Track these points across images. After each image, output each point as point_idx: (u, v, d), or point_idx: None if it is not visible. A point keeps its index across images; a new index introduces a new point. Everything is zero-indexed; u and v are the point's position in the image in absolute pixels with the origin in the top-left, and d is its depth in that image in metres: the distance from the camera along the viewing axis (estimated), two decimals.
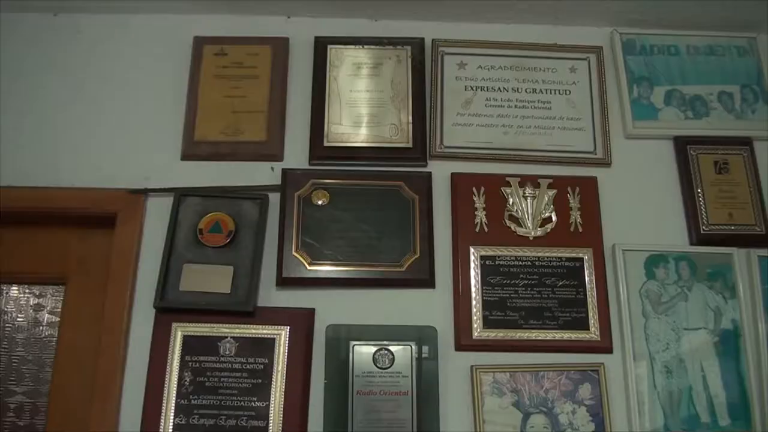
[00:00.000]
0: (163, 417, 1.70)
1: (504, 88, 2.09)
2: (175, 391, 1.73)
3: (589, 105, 2.08)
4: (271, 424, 1.71)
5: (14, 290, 2.02)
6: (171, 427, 1.70)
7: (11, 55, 2.10)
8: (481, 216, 1.93)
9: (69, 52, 2.11)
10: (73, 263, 1.98)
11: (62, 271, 1.98)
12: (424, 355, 1.77)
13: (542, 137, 2.04)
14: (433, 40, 2.12)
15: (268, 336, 1.78)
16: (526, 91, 2.09)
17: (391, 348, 1.78)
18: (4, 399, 1.92)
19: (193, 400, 1.72)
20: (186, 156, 1.99)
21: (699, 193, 2.00)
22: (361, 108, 2.04)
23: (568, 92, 2.09)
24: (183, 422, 1.70)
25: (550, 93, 2.09)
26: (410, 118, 2.02)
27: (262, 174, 1.97)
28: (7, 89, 2.06)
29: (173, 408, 1.71)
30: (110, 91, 2.07)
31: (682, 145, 2.05)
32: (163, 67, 2.09)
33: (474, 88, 2.08)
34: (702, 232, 1.96)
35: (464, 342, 1.81)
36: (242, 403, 1.72)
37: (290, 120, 2.04)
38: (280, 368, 1.76)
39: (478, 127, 2.04)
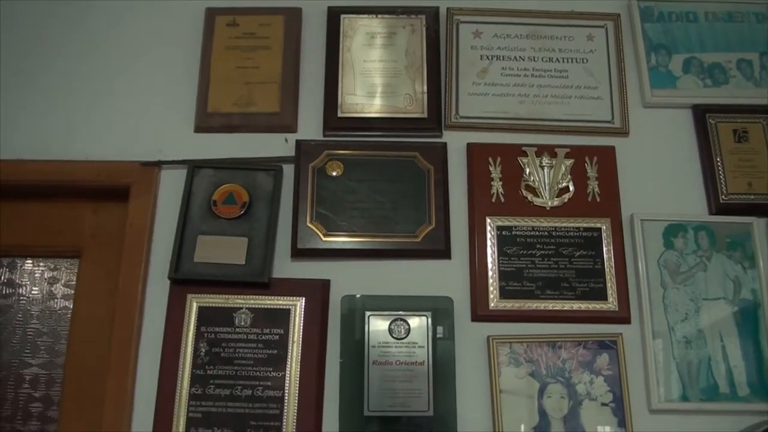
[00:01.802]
0: (178, 387, 1.70)
1: (520, 57, 2.05)
2: (190, 362, 1.72)
3: (606, 73, 2.05)
4: (287, 394, 1.70)
5: (28, 263, 2.01)
6: (187, 396, 1.70)
7: (24, 29, 2.09)
8: (497, 186, 1.91)
9: (81, 24, 2.10)
10: (87, 236, 1.98)
11: (76, 244, 1.98)
12: (439, 336, 1.75)
13: (559, 106, 2.01)
14: (447, 8, 2.09)
15: (284, 307, 1.78)
16: (542, 59, 2.05)
17: (406, 318, 1.77)
18: (19, 371, 1.92)
19: (209, 371, 1.72)
20: (199, 128, 1.97)
21: (718, 162, 1.97)
22: (375, 78, 2.01)
23: (585, 60, 2.06)
24: (199, 392, 1.70)
25: (567, 61, 2.05)
26: (425, 87, 2.00)
27: (275, 145, 1.95)
28: (20, 63, 2.05)
29: (189, 378, 1.71)
30: (122, 63, 2.06)
31: (701, 113, 2.02)
32: (175, 38, 2.08)
33: (490, 57, 2.05)
34: (721, 201, 1.93)
35: (480, 312, 1.80)
36: (258, 373, 1.72)
37: (303, 91, 2.02)
38: (295, 339, 1.75)
39: (494, 96, 2.01)
